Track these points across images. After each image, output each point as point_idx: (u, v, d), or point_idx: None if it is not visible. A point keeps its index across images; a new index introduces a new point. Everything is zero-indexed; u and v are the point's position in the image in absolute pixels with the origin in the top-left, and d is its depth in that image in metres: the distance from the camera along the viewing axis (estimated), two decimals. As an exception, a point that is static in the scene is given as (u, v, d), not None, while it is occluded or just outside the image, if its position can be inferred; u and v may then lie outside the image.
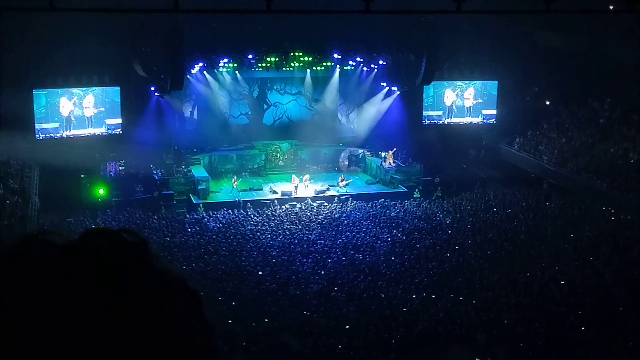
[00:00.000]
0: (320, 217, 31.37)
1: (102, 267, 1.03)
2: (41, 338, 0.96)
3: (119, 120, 35.13)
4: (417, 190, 35.46)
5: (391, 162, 36.75)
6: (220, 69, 37.34)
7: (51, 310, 0.97)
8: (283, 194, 34.09)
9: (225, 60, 36.32)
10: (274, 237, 28.28)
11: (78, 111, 34.25)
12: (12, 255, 1.04)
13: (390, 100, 39.64)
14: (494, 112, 40.13)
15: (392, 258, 25.99)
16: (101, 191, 32.53)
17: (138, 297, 1.03)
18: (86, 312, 0.98)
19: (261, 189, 35.22)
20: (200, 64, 36.15)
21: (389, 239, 28.18)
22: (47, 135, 33.55)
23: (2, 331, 0.96)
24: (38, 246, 1.06)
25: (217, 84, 38.67)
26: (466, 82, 39.75)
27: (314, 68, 38.82)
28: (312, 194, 34.39)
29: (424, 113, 39.79)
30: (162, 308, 1.05)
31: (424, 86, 37.86)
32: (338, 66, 39.04)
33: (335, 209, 32.71)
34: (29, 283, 0.99)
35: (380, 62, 38.33)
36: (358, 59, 38.16)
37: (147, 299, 1.04)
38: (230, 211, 31.90)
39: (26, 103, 32.23)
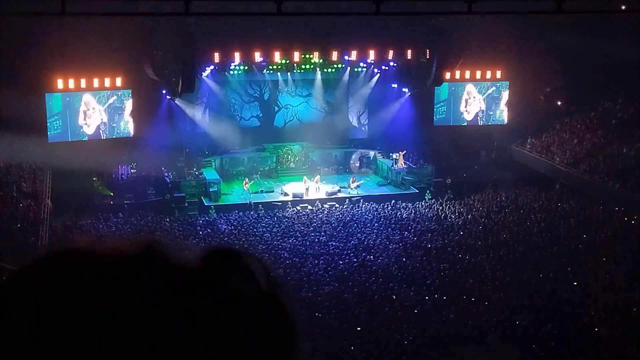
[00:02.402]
0: (331, 218, 31.36)
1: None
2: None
3: (130, 123, 35.26)
4: (428, 191, 35.40)
5: (402, 163, 36.70)
6: (231, 72, 37.39)
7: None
8: (294, 195, 34.12)
9: (236, 62, 36.36)
10: (285, 239, 28.30)
11: (90, 114, 34.40)
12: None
13: (401, 101, 39.59)
14: (505, 112, 39.98)
15: (404, 260, 25.96)
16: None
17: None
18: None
19: (272, 191, 35.25)
20: (212, 67, 36.20)
21: (401, 241, 28.14)
22: (59, 138, 33.69)
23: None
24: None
25: (228, 87, 38.75)
26: (477, 82, 39.64)
27: (325, 70, 38.81)
28: (323, 196, 34.38)
29: (435, 114, 39.69)
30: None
31: (435, 87, 37.79)
32: (349, 68, 39.00)
33: (346, 211, 32.68)
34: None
35: (391, 63, 38.28)
36: (369, 60, 38.12)
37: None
38: (241, 213, 31.96)
39: (38, 106, 32.38)
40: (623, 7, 27.65)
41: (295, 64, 37.04)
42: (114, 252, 1.04)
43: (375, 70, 39.55)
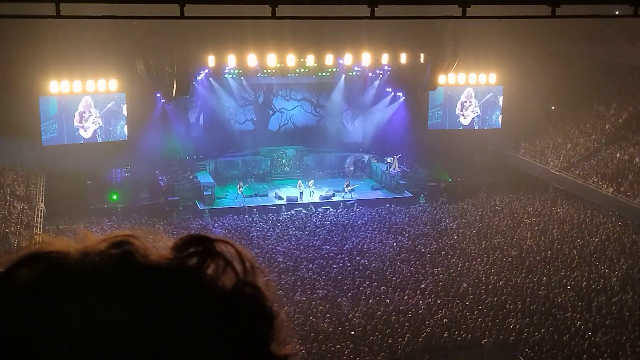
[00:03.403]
0: (325, 222, 31.36)
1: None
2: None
3: (125, 127, 35.21)
4: (422, 195, 35.44)
5: (397, 167, 36.72)
6: (226, 75, 37.37)
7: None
8: (288, 199, 34.11)
9: (231, 66, 36.31)
10: (280, 242, 28.28)
11: (84, 117, 34.34)
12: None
13: (395, 105, 39.63)
14: (499, 117, 40.06)
15: (398, 264, 25.97)
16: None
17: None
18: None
19: (267, 195, 35.23)
20: (206, 71, 36.17)
21: (395, 245, 28.15)
22: (55, 141, 33.60)
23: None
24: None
25: (223, 90, 38.72)
26: (471, 87, 39.70)
27: (320, 74, 38.83)
28: (318, 200, 34.38)
29: (431, 119, 39.75)
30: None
31: (429, 91, 37.84)
32: (343, 72, 39.02)
33: (340, 215, 32.69)
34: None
35: (386, 67, 38.32)
36: (363, 64, 38.11)
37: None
38: (235, 217, 31.94)
39: (32, 110, 32.31)
40: (617, 12, 27.74)
41: (290, 68, 36.99)
42: (86, 253, 1.02)
43: (370, 74, 39.57)
